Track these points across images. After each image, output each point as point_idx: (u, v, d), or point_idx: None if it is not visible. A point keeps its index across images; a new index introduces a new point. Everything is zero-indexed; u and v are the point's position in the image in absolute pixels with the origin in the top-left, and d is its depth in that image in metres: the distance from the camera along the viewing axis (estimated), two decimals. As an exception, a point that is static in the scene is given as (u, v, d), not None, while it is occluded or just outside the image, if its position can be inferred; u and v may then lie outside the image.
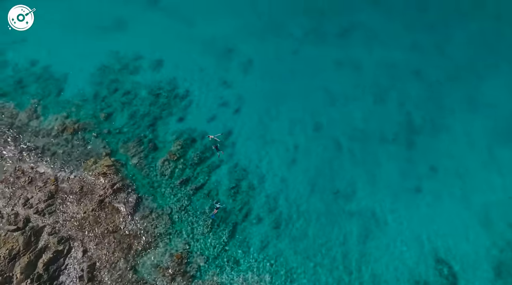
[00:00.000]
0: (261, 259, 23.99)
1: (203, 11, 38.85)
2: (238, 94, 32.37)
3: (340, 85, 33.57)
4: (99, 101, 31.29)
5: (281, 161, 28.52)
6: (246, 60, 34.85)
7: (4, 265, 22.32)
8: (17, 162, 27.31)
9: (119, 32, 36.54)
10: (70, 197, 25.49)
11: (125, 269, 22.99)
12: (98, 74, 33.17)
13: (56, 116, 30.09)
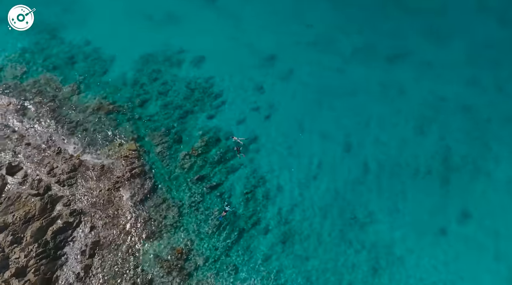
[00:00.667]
0: (261, 271, 23.16)
1: (255, 16, 39.03)
2: (272, 101, 31.94)
3: (380, 109, 32.05)
4: (137, 87, 32.24)
5: (302, 176, 27.60)
6: (287, 69, 34.40)
7: (18, 225, 23.33)
8: (52, 131, 28.68)
9: (170, 25, 37.63)
10: (90, 173, 26.27)
11: (125, 252, 23.17)
12: (142, 62, 34.26)
13: (95, 95, 31.38)
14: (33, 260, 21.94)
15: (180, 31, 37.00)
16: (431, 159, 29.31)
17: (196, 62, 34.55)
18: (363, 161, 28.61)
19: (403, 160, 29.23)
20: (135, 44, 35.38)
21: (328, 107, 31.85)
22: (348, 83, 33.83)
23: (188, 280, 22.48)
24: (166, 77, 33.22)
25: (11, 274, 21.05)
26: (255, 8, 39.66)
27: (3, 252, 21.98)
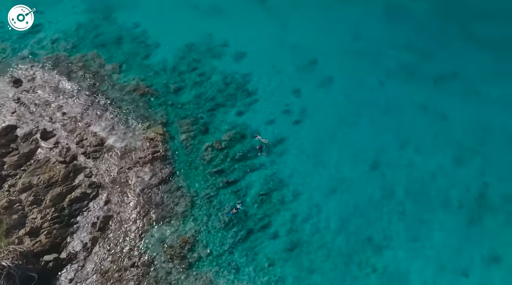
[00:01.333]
0: (263, 275, 22.53)
1: (303, 19, 38.39)
2: (305, 106, 31.16)
3: (417, 131, 30.19)
4: (175, 74, 32.79)
5: (323, 187, 26.59)
6: (326, 76, 33.43)
7: (40, 188, 24.44)
8: (88, 105, 29.85)
9: (217, 17, 37.95)
10: (115, 150, 26.98)
11: (133, 231, 23.50)
12: (184, 50, 34.81)
13: (134, 77, 32.31)
14: (47, 223, 22.84)
15: (226, 24, 37.18)
16: (465, 193, 27.17)
17: (237, 57, 34.53)
18: (390, 183, 27.07)
19: (434, 188, 27.31)
20: (181, 32, 36.04)
21: (363, 121, 30.51)
22: (388, 99, 32.26)
23: (188, 270, 22.35)
24: (204, 68, 33.49)
25: (25, 232, 22.03)
26: (304, 12, 39.00)
27: (22, 211, 23.07)
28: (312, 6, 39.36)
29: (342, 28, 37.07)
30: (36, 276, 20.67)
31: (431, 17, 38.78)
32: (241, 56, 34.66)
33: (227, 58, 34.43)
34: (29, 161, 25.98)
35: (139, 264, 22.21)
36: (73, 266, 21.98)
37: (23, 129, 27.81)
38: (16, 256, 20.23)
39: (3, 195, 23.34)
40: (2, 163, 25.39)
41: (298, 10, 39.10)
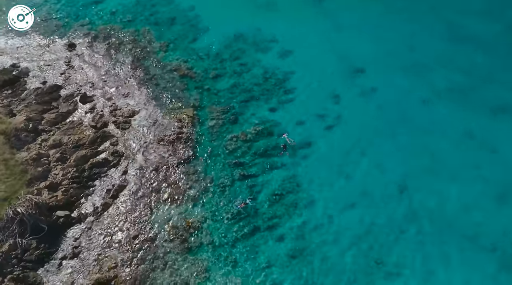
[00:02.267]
0: (258, 276, 21.87)
1: (357, 25, 36.75)
2: (341, 114, 29.80)
3: (457, 159, 27.64)
4: (217, 61, 32.93)
5: (341, 199, 25.25)
6: (369, 86, 31.73)
7: (68, 147, 25.66)
8: (129, 77, 30.86)
9: (270, 12, 37.47)
10: (143, 124, 27.62)
11: (143, 205, 23.90)
12: (231, 39, 34.85)
13: (178, 57, 32.91)
14: (67, 181, 23.90)
15: (278, 20, 36.63)
16: (501, 236, 24.43)
17: (282, 54, 33.91)
18: (415, 207, 25.07)
19: (465, 223, 24.85)
20: (232, 21, 36.11)
21: (398, 139, 28.54)
22: (430, 119, 29.87)
23: (186, 253, 22.29)
24: (247, 59, 33.28)
25: (45, 185, 23.20)
26: (360, 17, 37.33)
27: (48, 165, 24.33)
28: (370, 12, 37.62)
29: (397, 38, 35.03)
30: (46, 228, 21.67)
31: (501, 41, 35.40)
32: (287, 53, 33.97)
33: (272, 53, 33.91)
34: (65, 120, 27.36)
35: (141, 237, 22.52)
36: (81, 226, 22.80)
37: (66, 90, 29.37)
38: (32, 205, 21.32)
39: (35, 148, 24.73)
40: (41, 118, 26.95)
41: (354, 14, 37.55)
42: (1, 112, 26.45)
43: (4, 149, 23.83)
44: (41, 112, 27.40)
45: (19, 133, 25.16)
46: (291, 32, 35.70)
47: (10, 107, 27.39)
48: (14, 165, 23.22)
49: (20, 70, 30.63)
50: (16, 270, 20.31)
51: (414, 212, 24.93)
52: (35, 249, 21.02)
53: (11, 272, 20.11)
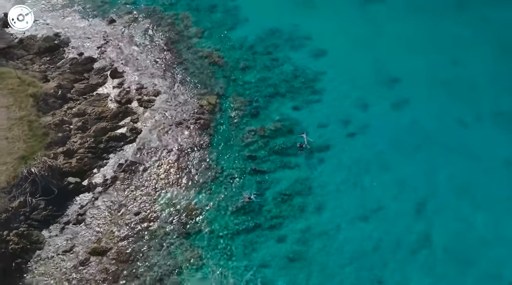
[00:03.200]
0: (250, 273, 21.31)
1: (399, 34, 34.86)
2: (367, 123, 28.42)
3: (490, 188, 25.31)
4: (249, 53, 32.62)
5: (352, 210, 24.06)
6: (403, 99, 29.99)
7: (91, 118, 26.41)
8: (160, 57, 31.28)
9: (310, 9, 36.53)
10: (165, 106, 27.86)
11: (151, 184, 24.10)
12: (267, 33, 34.37)
13: (211, 45, 32.93)
14: (83, 149, 24.59)
15: (317, 19, 35.64)
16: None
17: (315, 53, 32.99)
18: (430, 231, 23.39)
19: (486, 257, 22.88)
20: (270, 15, 35.63)
21: (425, 157, 26.77)
22: (467, 143, 27.66)
23: (183, 238, 22.16)
24: (279, 55, 32.70)
25: (62, 150, 23.98)
26: (403, 25, 35.34)
27: (69, 132, 25.15)
28: (414, 20, 35.58)
29: (440, 50, 32.92)
30: (56, 192, 22.38)
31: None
32: (321, 53, 32.99)
33: (305, 52, 33.08)
34: (93, 92, 28.18)
35: (143, 215, 22.70)
36: (88, 195, 23.33)
37: (99, 63, 30.30)
38: (46, 168, 22.07)
39: (60, 114, 25.65)
40: (71, 87, 27.93)
41: (397, 20, 35.74)
42: (36, 76, 27.64)
43: (31, 111, 24.88)
44: (72, 81, 28.37)
45: (48, 98, 26.17)
46: (328, 32, 34.62)
47: (45, 73, 28.58)
48: (37, 127, 24.17)
49: (61, 40, 31.93)
50: (22, 226, 21.11)
51: (428, 235, 23.29)
52: (43, 210, 21.75)
53: (17, 228, 20.91)
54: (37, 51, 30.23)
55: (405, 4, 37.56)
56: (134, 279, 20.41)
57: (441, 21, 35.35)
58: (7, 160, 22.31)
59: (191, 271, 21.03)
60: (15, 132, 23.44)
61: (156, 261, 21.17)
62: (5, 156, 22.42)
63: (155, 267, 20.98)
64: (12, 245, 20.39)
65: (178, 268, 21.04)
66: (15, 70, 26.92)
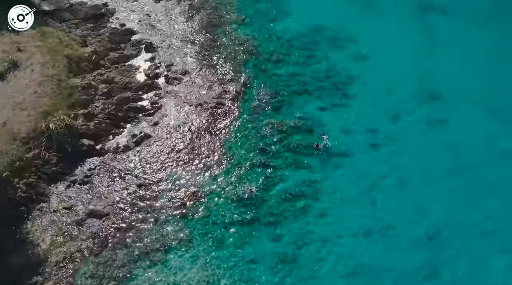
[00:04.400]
0: (238, 266, 20.74)
1: (454, 45, 32.25)
2: (395, 136, 26.52)
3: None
4: (285, 46, 31.70)
5: (356, 224, 22.63)
6: (440, 117, 27.69)
7: (117, 87, 27.03)
8: (196, 39, 31.33)
9: (364, 11, 34.65)
10: (190, 86, 27.86)
11: (158, 159, 24.23)
12: (310, 29, 33.10)
13: (249, 33, 32.41)
14: (103, 115, 25.19)
15: (368, 21, 33.67)
16: None
17: (356, 57, 31.32)
18: (438, 263, 21.47)
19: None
20: (318, 11, 34.25)
21: (452, 185, 24.37)
22: (504, 176, 25.01)
23: (180, 218, 22.05)
24: (317, 53, 31.48)
25: (83, 113, 24.71)
26: (461, 42, 32.47)
27: (93, 96, 25.89)
28: (476, 35, 32.40)
29: (498, 72, 29.87)
30: (69, 150, 23.16)
31: None
32: (362, 57, 31.24)
33: (345, 53, 31.52)
34: (125, 63, 28.82)
35: (145, 188, 22.87)
36: (99, 159, 23.87)
37: (137, 36, 30.93)
38: (63, 126, 22.81)
39: (89, 78, 26.47)
40: (105, 55, 28.75)
41: (457, 33, 32.66)
42: (76, 39, 28.73)
43: (63, 70, 25.87)
44: (108, 50, 29.18)
45: (81, 62, 27.09)
46: (376, 37, 32.64)
47: (85, 38, 29.62)
48: (65, 87, 25.09)
49: (108, 9, 32.95)
50: (32, 177, 22.01)
51: (436, 268, 21.41)
52: (54, 165, 22.56)
53: (27, 178, 21.83)
54: (83, 17, 31.36)
55: (468, 17, 34.55)
56: (122, 248, 20.60)
57: (506, 39, 32.17)
58: (31, 113, 23.29)
59: (178, 252, 20.88)
60: (44, 88, 24.42)
61: (148, 235, 21.24)
62: (30, 109, 23.41)
63: (145, 239, 21.08)
64: (19, 192, 21.28)
65: (167, 245, 20.94)
66: (58, 31, 28.09)
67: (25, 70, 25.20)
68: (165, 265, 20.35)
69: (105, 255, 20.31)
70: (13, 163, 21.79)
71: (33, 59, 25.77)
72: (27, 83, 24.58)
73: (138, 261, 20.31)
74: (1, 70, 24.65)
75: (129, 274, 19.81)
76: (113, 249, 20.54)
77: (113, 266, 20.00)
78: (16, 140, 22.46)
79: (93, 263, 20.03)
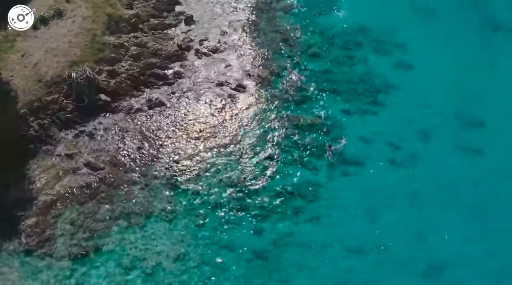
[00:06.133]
0: (212, 252, 20.12)
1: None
2: (418, 157, 24.20)
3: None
4: (325, 42, 30.20)
5: (348, 238, 20.99)
6: (476, 147, 24.72)
7: (147, 52, 27.40)
8: (238, 19, 30.89)
9: (420, 19, 32.10)
10: (217, 63, 27.57)
11: (164, 128, 24.30)
12: (356, 28, 31.35)
13: (292, 22, 31.35)
14: (126, 75, 25.75)
15: (424, 28, 31.19)
16: None
17: (398, 65, 29.04)
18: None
19: None
20: (371, 11, 32.36)
21: (470, 225, 21.72)
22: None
23: (170, 188, 21.88)
24: (356, 54, 29.66)
25: (108, 69, 25.41)
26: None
27: (122, 56, 26.51)
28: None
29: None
30: (85, 102, 23.91)
31: None
32: (404, 66, 28.92)
33: (387, 59, 29.33)
34: (162, 30, 29.18)
35: (143, 152, 23.02)
36: (111, 117, 24.38)
37: (180, 7, 31.17)
38: (85, 77, 23.61)
39: (123, 39, 27.16)
40: (146, 20, 29.33)
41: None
42: (122, 1, 29.55)
43: (101, 27, 26.76)
44: (150, 15, 29.73)
45: (121, 22, 27.84)
46: (428, 48, 29.89)
47: (133, 2, 30.37)
48: (97, 42, 25.96)
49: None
50: (46, 119, 23.08)
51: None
52: (68, 113, 23.49)
53: (42, 119, 22.94)
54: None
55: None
56: (107, 203, 20.90)
57: None
58: (61, 60, 24.38)
59: (158, 221, 20.75)
60: (78, 39, 25.46)
61: (134, 197, 21.35)
62: (60, 56, 24.52)
63: (131, 202, 21.19)
64: (32, 131, 22.38)
65: (149, 212, 20.90)
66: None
67: (67, 20, 26.40)
68: (142, 230, 20.32)
69: (89, 206, 20.71)
70: (33, 103, 22.95)
71: (77, 12, 26.92)
72: (65, 33, 25.74)
73: (118, 219, 20.47)
74: (47, 16, 25.98)
75: (105, 230, 20.02)
76: (98, 203, 20.88)
77: (94, 219, 20.34)
78: (41, 82, 23.61)
79: (77, 211, 20.51)
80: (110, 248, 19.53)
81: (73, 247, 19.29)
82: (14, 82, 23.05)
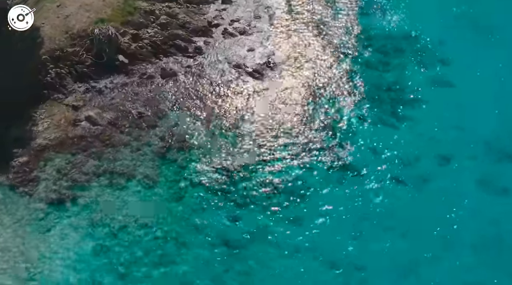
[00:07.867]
0: (181, 224, 19.67)
1: None
2: (429, 182, 21.75)
3: None
4: (362, 43, 28.35)
5: (329, 248, 19.38)
6: (504, 186, 21.70)
7: (175, 23, 27.43)
8: (274, 6, 29.97)
9: (479, 36, 28.83)
10: (239, 45, 26.96)
11: (169, 98, 24.12)
12: (401, 34, 29.11)
13: (348, 12, 30.14)
14: (148, 41, 25.98)
15: (473, 47, 27.96)
16: None
17: (436, 80, 26.42)
18: None
19: None
20: (418, 18, 29.83)
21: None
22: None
23: (158, 157, 21.69)
24: (393, 60, 27.46)
25: (132, 32, 25.85)
26: None
27: (149, 22, 26.81)
28: None
29: None
30: (104, 60, 24.46)
31: None
32: (442, 83, 26.20)
33: (425, 73, 26.84)
34: (197, 5, 29.09)
35: (143, 119, 23.04)
36: (124, 78, 24.65)
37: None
38: (107, 36, 24.15)
39: (156, 7, 27.46)
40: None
41: None
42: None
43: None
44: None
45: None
46: (474, 68, 26.82)
47: (177, -27, 30.47)
48: (130, 5, 26.49)
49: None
50: (64, 69, 23.97)
51: None
52: (85, 67, 24.23)
53: (60, 68, 23.89)
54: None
55: None
56: (95, 159, 21.18)
57: None
58: (91, 15, 25.21)
59: (139, 186, 20.67)
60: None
61: (122, 158, 21.43)
62: (92, 12, 25.33)
63: (117, 162, 21.29)
64: (48, 78, 23.34)
65: (132, 175, 20.88)
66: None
67: (107, -21, 27.09)
68: (120, 190, 20.32)
69: (78, 157, 21.13)
70: (55, 51, 23.96)
71: (117, -27, 27.50)
72: (102, -9, 26.45)
73: (101, 176, 20.62)
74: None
75: (86, 183, 20.26)
76: (88, 156, 21.23)
77: (79, 170, 20.70)
78: (67, 33, 24.58)
79: (66, 160, 21.01)
80: (86, 202, 19.73)
81: (53, 192, 19.73)
82: (44, 29, 24.08)
